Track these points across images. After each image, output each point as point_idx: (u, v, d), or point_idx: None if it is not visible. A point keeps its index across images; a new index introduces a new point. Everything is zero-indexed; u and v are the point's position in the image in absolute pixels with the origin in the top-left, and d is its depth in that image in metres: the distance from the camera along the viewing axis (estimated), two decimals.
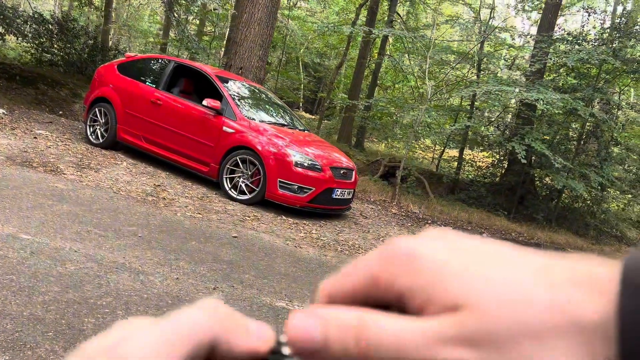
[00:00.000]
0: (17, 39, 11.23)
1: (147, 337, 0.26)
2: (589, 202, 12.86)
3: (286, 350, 0.27)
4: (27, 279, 3.30)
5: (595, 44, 11.59)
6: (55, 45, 12.17)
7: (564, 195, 12.75)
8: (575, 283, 0.23)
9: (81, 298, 3.24)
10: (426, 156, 18.97)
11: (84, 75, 11.97)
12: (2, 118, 7.78)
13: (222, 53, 15.99)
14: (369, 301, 0.27)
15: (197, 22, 20.34)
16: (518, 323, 0.23)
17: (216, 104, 6.87)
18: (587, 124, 12.03)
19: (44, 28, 11.81)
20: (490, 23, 13.32)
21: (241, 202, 6.62)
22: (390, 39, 17.44)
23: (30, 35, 11.39)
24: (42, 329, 2.80)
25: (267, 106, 7.98)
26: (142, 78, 7.64)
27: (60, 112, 9.57)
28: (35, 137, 7.20)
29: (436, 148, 18.03)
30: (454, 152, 16.09)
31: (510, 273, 0.24)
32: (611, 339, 0.22)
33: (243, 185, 6.67)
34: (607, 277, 0.23)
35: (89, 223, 4.58)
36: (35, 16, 11.59)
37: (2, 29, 10.50)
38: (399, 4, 18.01)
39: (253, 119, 7.06)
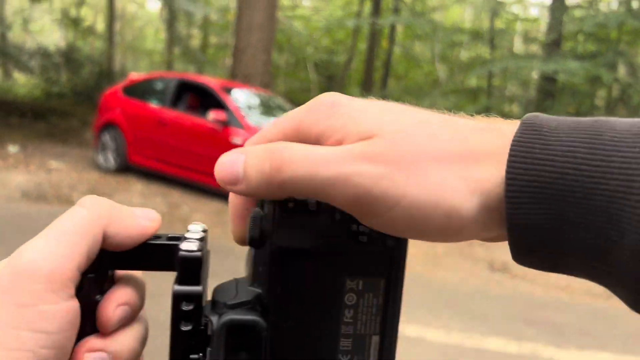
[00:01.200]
0: (25, 74, 11.40)
1: (39, 244, 0.27)
2: None
3: (190, 235, 0.30)
4: None
5: (613, 6, 11.09)
6: (62, 77, 12.30)
7: None
8: (476, 128, 0.26)
9: None
10: None
11: (93, 103, 12.05)
12: (17, 155, 7.84)
13: (228, 62, 15.95)
14: None
15: (202, 34, 20.38)
16: (422, 147, 0.25)
17: (221, 115, 6.73)
18: (614, 90, 11.51)
19: (49, 61, 11.95)
20: None
21: None
22: (399, 27, 17.11)
23: (37, 70, 11.53)
24: None
25: (276, 112, 7.81)
26: (147, 98, 7.58)
27: (73, 143, 9.62)
28: (48, 170, 7.20)
29: None
30: None
31: (422, 116, 0.27)
32: (503, 164, 0.25)
33: None
34: (508, 128, 0.26)
35: None
36: (40, 51, 11.74)
37: (10, 67, 10.64)
38: None
39: (262, 126, 6.90)
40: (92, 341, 0.28)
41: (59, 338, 0.26)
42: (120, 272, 0.31)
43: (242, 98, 7.47)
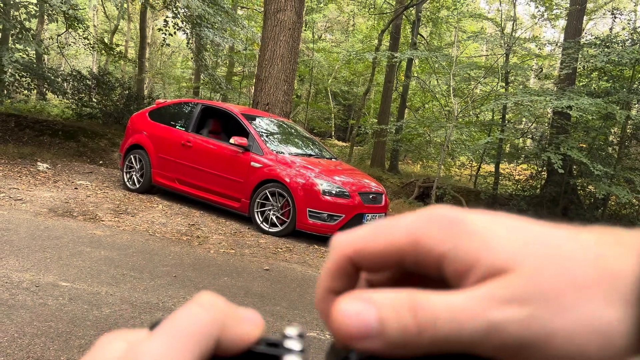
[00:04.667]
0: (58, 96, 11.96)
1: (157, 348, 0.24)
2: (637, 207, 12.27)
3: (289, 344, 0.27)
4: (65, 324, 3.44)
5: (627, 44, 11.27)
6: (94, 99, 12.87)
7: (610, 202, 12.24)
8: (606, 243, 0.25)
9: None
10: (463, 173, 18.68)
11: (121, 124, 12.57)
12: (46, 172, 8.21)
13: (252, 91, 16.45)
14: (402, 264, 0.27)
15: (227, 63, 21.05)
16: (563, 278, 0.24)
17: (243, 141, 7.06)
18: (628, 127, 11.61)
19: (82, 84, 12.55)
20: (513, 34, 13.18)
21: (273, 234, 6.70)
22: (416, 61, 17.51)
23: (70, 92, 12.11)
24: None
25: (294, 139, 8.12)
26: (172, 122, 7.95)
27: (100, 162, 10.03)
28: (76, 188, 7.54)
29: (473, 165, 17.77)
30: (492, 167, 15.81)
31: (549, 237, 0.25)
32: None
33: (274, 217, 6.76)
34: (636, 239, 0.25)
35: (124, 266, 4.73)
36: (74, 74, 12.35)
37: (44, 89, 11.20)
38: (421, 26, 18.13)
39: (280, 152, 7.20)
40: None
41: None
42: None
43: (262, 125, 7.81)
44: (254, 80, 13.46)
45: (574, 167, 11.59)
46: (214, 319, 0.26)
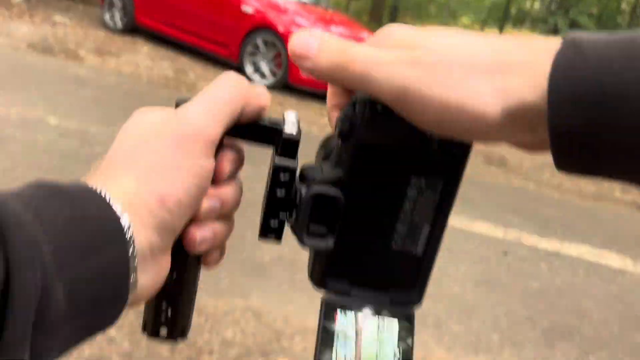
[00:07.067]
0: None
1: (201, 109, 0.33)
2: None
3: (288, 117, 0.36)
4: (57, 159, 3.38)
5: None
6: None
7: None
8: (517, 44, 0.28)
9: None
10: None
11: None
12: (21, 6, 7.66)
13: None
14: None
15: None
16: (458, 59, 0.28)
17: None
18: None
19: None
20: None
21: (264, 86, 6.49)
22: None
23: None
24: None
25: None
26: None
27: None
28: (54, 24, 7.08)
29: (476, 28, 17.03)
30: (496, 31, 15.19)
31: (468, 35, 0.30)
32: (538, 75, 0.26)
33: (265, 68, 6.49)
34: (547, 44, 0.27)
35: (113, 106, 4.61)
36: None
37: None
38: None
39: None
40: (209, 191, 0.34)
41: (206, 185, 0.33)
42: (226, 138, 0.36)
43: None
44: None
45: None
46: (241, 91, 0.34)
